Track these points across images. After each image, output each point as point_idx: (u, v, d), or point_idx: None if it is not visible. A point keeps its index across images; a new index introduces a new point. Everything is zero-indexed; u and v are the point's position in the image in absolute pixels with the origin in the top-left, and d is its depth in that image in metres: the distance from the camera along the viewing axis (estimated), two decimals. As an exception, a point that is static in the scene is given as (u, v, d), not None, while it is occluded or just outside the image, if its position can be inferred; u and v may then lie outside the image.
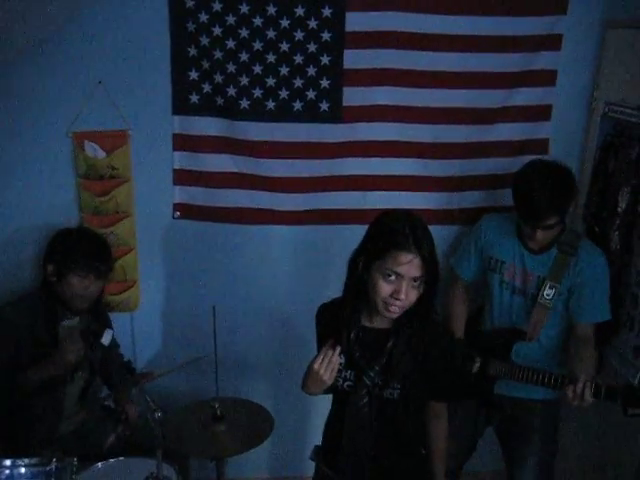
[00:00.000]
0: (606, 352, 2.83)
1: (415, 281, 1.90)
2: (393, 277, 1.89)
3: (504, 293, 2.75)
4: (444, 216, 3.18)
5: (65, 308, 2.74)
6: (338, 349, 1.96)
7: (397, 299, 1.90)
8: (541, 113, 3.07)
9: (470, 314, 2.96)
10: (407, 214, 1.99)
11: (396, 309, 1.93)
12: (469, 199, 3.17)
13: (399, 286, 1.89)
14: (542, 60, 2.98)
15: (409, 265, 1.87)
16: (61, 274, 2.67)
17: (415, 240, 1.88)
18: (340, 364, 2.02)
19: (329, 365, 1.95)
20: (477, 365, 2.70)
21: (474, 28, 2.90)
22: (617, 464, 2.82)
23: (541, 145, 3.10)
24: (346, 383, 2.07)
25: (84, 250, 2.70)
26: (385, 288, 1.91)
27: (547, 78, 3.02)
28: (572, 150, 3.09)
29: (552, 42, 2.96)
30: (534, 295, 2.65)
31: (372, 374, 2.02)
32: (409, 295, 1.91)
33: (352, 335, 2.04)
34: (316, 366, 1.95)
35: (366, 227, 3.08)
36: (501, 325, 2.78)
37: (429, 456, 2.20)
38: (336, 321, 2.06)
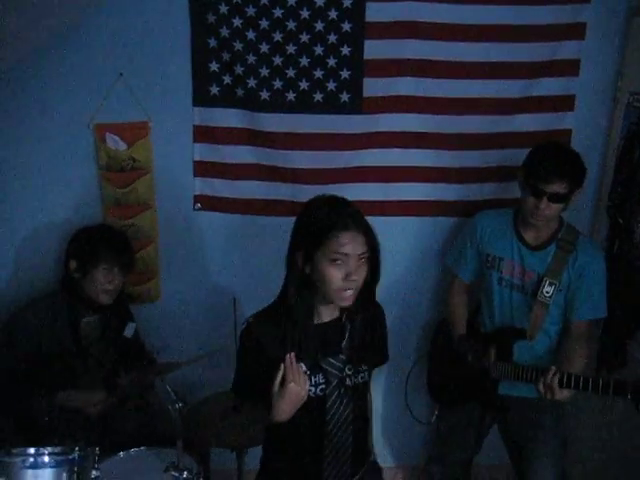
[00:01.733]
0: (630, 346, 2.80)
1: (362, 258, 1.88)
2: (340, 260, 1.86)
3: (503, 291, 2.71)
4: (464, 208, 3.16)
5: (86, 306, 2.76)
6: (292, 357, 1.89)
7: (350, 281, 1.87)
8: (564, 103, 3.04)
9: (468, 314, 2.92)
10: (332, 197, 1.97)
11: (350, 293, 1.90)
12: (491, 190, 3.15)
13: (349, 267, 1.86)
14: (565, 49, 2.95)
15: (353, 243, 1.86)
16: (86, 270, 2.70)
17: (351, 217, 1.88)
18: (305, 372, 1.96)
19: (301, 378, 1.90)
20: (494, 352, 2.67)
21: (496, 17, 2.88)
22: (623, 462, 2.79)
23: (564, 136, 3.06)
24: (319, 387, 1.99)
25: (107, 244, 2.73)
26: (336, 274, 1.87)
27: (570, 68, 2.98)
28: (595, 141, 3.05)
29: (575, 31, 2.93)
30: (533, 292, 2.61)
31: (341, 365, 2.00)
32: (360, 274, 1.89)
33: (305, 337, 1.98)
34: (293, 385, 1.87)
35: (388, 219, 3.12)
36: (501, 323, 2.74)
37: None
38: (276, 333, 1.98)
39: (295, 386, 1.88)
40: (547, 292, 2.57)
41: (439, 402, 3.06)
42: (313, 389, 1.99)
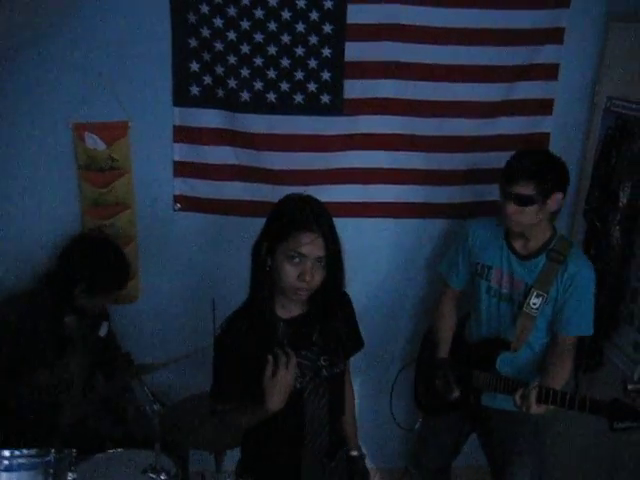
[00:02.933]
0: (606, 347, 2.83)
1: (319, 261, 1.90)
2: (297, 259, 1.88)
3: (491, 300, 2.67)
4: (446, 209, 3.18)
5: (69, 306, 2.74)
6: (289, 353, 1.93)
7: (303, 281, 1.89)
8: (543, 107, 3.06)
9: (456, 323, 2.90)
10: (306, 197, 2.00)
11: (303, 292, 1.92)
12: (472, 193, 3.16)
13: (304, 267, 1.88)
14: (544, 53, 2.97)
15: (311, 245, 1.87)
16: (92, 294, 2.70)
17: (315, 220, 1.89)
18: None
19: (291, 363, 1.92)
20: (455, 395, 2.65)
21: (476, 21, 2.89)
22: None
23: (542, 139, 3.09)
24: (297, 382, 2.00)
25: (116, 272, 2.75)
26: (291, 272, 1.89)
27: (549, 72, 3.01)
28: (573, 145, 3.08)
29: (554, 35, 2.95)
30: (520, 303, 2.56)
31: (314, 357, 2.03)
32: (315, 276, 1.90)
33: (277, 333, 2.00)
34: (284, 373, 1.89)
35: (368, 220, 3.13)
36: (488, 333, 2.70)
37: (347, 422, 2.27)
38: (249, 330, 2.00)
39: (287, 373, 1.91)
40: (534, 304, 2.51)
41: (423, 410, 3.04)
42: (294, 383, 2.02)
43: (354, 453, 2.30)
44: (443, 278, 2.90)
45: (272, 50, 2.89)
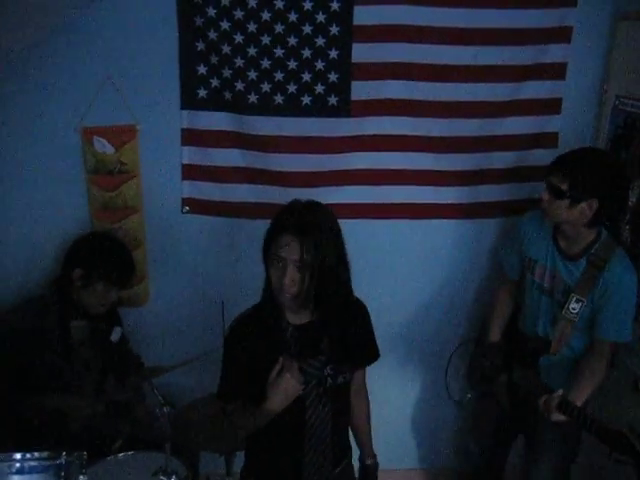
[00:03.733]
0: (618, 348, 2.81)
1: (300, 265, 1.87)
2: (279, 262, 1.89)
3: (534, 293, 2.69)
4: (453, 211, 3.17)
5: (77, 310, 2.75)
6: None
7: (284, 283, 1.88)
8: (551, 106, 3.05)
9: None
10: (304, 202, 1.99)
11: (287, 296, 1.91)
12: (479, 193, 3.16)
13: (283, 271, 1.89)
14: (552, 53, 2.96)
15: (289, 248, 1.87)
16: (88, 280, 2.69)
17: (295, 223, 1.88)
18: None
19: (295, 372, 1.96)
20: (503, 380, 2.71)
21: (484, 21, 2.89)
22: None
23: (551, 139, 3.08)
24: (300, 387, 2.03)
25: (116, 261, 2.75)
26: (274, 275, 1.91)
27: (557, 71, 3.00)
28: (582, 144, 3.04)
29: (562, 35, 2.94)
30: (560, 302, 2.56)
31: (320, 366, 2.02)
32: (294, 279, 1.88)
33: (285, 338, 2.02)
34: (289, 376, 1.95)
35: (375, 222, 3.13)
36: (529, 326, 2.74)
37: (361, 431, 2.29)
38: (258, 333, 2.02)
39: (291, 378, 1.94)
40: (573, 309, 2.51)
41: (473, 389, 3.11)
42: None
43: (369, 462, 2.30)
44: (502, 270, 2.93)
45: (279, 52, 2.90)
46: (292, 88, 2.95)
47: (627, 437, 2.12)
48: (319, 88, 2.95)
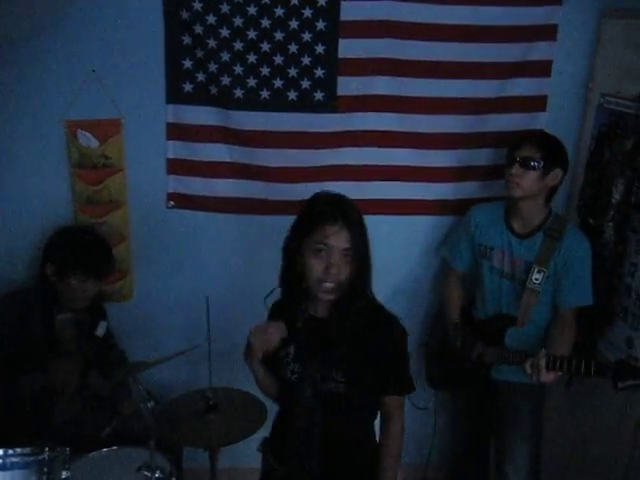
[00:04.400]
0: (599, 343, 2.83)
1: (346, 254, 1.90)
2: (323, 251, 1.90)
3: (493, 279, 2.81)
4: (439, 207, 3.18)
5: (61, 304, 2.73)
6: (280, 325, 2.02)
7: (329, 273, 1.89)
8: (536, 104, 3.06)
9: (463, 304, 3.00)
10: (333, 194, 2.02)
11: (330, 286, 1.92)
12: (465, 190, 3.16)
13: (330, 259, 1.90)
14: (537, 50, 2.97)
15: (337, 236, 1.89)
16: (62, 275, 2.68)
17: (341, 212, 1.92)
18: (289, 357, 2.07)
19: (262, 333, 2.01)
20: (478, 351, 2.73)
21: (469, 18, 2.89)
22: (605, 461, 2.83)
23: (536, 136, 3.09)
24: (294, 376, 2.05)
25: (86, 253, 2.72)
26: (317, 264, 1.92)
27: (542, 68, 3.01)
28: (567, 141, 3.06)
29: (547, 32, 2.95)
30: (522, 280, 2.69)
31: (315, 365, 2.01)
32: (341, 268, 1.91)
33: (299, 326, 2.04)
34: (252, 328, 2.02)
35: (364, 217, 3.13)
36: (492, 311, 2.83)
37: (380, 458, 2.12)
38: (284, 314, 2.08)
39: (252, 329, 2.04)
40: (536, 279, 2.64)
41: (436, 387, 3.15)
42: (289, 374, 2.09)
43: None
44: (446, 261, 3.05)
45: (266, 47, 2.89)
46: (278, 83, 2.95)
47: (626, 362, 2.18)
48: (305, 83, 2.95)
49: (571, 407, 3.06)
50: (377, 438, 2.21)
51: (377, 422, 2.22)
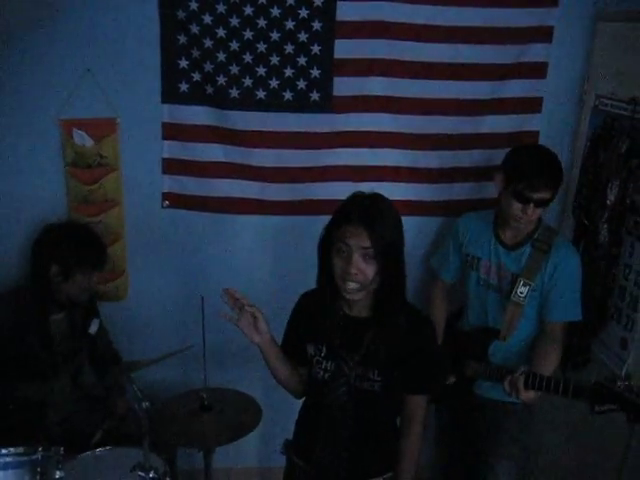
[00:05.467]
0: (594, 344, 2.84)
1: (366, 253, 1.89)
2: (344, 251, 1.91)
3: (480, 290, 2.75)
4: (434, 208, 3.18)
5: (56, 303, 2.72)
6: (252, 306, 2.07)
7: (349, 273, 1.89)
8: (531, 105, 3.07)
9: (450, 314, 2.96)
10: (369, 193, 2.02)
11: (351, 285, 1.92)
12: (459, 191, 3.17)
13: (349, 259, 1.90)
14: (533, 52, 2.98)
15: (356, 236, 1.88)
16: (67, 273, 2.67)
17: (362, 212, 1.91)
18: (321, 355, 2.06)
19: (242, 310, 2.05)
20: (451, 380, 2.71)
21: (465, 19, 2.90)
22: (595, 465, 2.83)
23: (531, 137, 3.10)
24: (327, 374, 2.05)
25: (86, 247, 2.71)
26: (338, 264, 1.92)
27: (538, 70, 3.02)
28: (562, 143, 3.09)
29: (543, 34, 2.96)
30: (508, 292, 2.62)
31: (351, 364, 2.01)
32: (361, 267, 1.90)
33: (332, 324, 2.04)
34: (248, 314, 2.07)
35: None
36: (477, 323, 2.77)
37: (398, 458, 2.13)
38: (316, 310, 2.07)
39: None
40: (521, 292, 2.58)
41: None
42: (321, 372, 2.08)
43: None
44: (434, 271, 2.98)
45: (261, 47, 2.89)
46: (274, 83, 2.94)
47: (603, 385, 2.14)
48: (301, 84, 2.95)
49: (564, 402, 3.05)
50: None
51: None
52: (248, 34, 2.86)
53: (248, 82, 2.93)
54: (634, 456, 2.22)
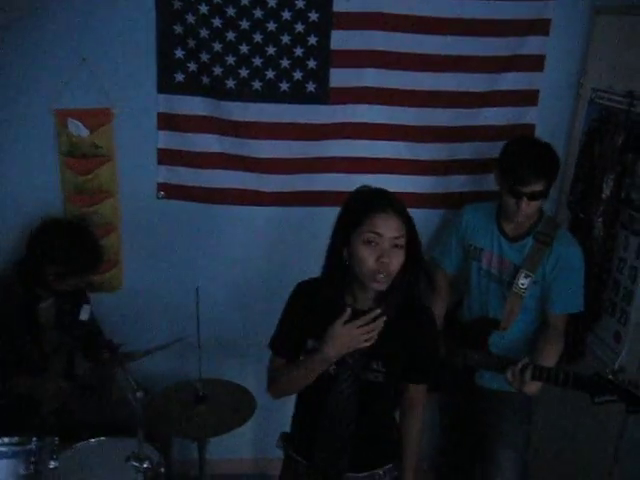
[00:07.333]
0: (588, 338, 2.85)
1: (396, 243, 1.89)
2: (374, 241, 1.88)
3: (482, 280, 2.76)
4: (430, 200, 3.18)
5: (43, 291, 2.72)
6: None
7: (382, 263, 1.87)
8: (528, 98, 3.07)
9: (450, 305, 2.97)
10: (379, 188, 2.01)
11: (382, 277, 1.90)
12: (455, 183, 3.17)
13: (381, 249, 1.88)
14: (530, 45, 2.98)
15: (387, 224, 1.88)
16: (62, 276, 2.66)
17: (389, 201, 1.91)
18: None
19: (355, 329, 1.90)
20: (462, 357, 2.70)
21: (463, 11, 2.89)
22: (589, 460, 2.84)
23: (527, 130, 3.09)
24: (332, 368, 2.03)
25: (83, 251, 2.69)
26: (369, 255, 1.89)
27: (535, 63, 3.01)
28: (558, 136, 3.09)
29: (540, 27, 2.96)
30: (509, 283, 2.64)
31: (356, 355, 2.00)
32: (392, 258, 1.89)
33: (336, 315, 2.00)
34: (358, 330, 1.89)
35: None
36: (478, 313, 2.79)
37: (402, 443, 2.17)
38: (314, 300, 2.03)
39: (357, 331, 1.89)
40: (522, 284, 2.60)
41: None
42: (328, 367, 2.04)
43: None
44: (436, 262, 2.97)
45: (258, 38, 2.88)
46: (270, 74, 2.94)
47: (602, 376, 2.17)
48: (297, 74, 2.94)
49: (560, 394, 3.06)
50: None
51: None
52: (245, 24, 2.85)
53: (244, 73, 2.92)
54: (627, 442, 2.23)
